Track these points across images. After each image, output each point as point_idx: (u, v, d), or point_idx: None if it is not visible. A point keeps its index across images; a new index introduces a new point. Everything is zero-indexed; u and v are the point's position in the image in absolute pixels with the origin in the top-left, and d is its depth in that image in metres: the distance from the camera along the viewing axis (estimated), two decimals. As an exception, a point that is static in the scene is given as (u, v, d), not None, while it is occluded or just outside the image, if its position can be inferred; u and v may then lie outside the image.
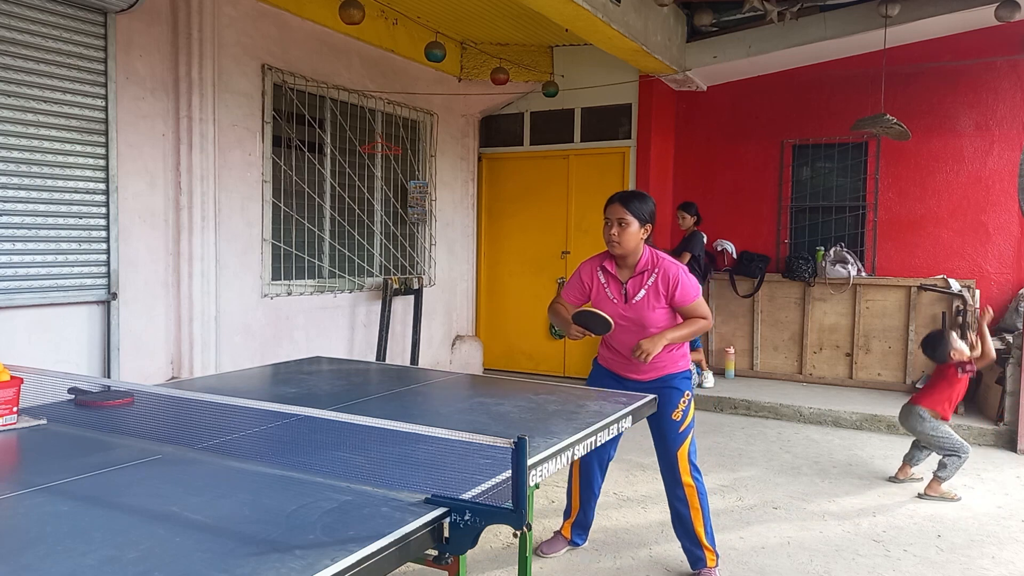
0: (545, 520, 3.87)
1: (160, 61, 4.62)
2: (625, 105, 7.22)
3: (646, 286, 3.10)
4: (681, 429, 3.16)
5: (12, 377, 2.27)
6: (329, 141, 5.96)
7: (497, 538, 3.57)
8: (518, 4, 5.45)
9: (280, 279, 5.58)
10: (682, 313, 3.13)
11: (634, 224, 3.06)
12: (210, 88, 4.77)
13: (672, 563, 3.41)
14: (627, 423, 2.60)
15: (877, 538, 3.73)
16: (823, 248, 7.08)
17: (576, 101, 7.37)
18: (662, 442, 3.21)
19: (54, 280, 4.07)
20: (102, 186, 4.26)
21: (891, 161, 6.89)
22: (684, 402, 3.16)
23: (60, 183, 4.07)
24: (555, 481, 4.38)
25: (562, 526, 3.55)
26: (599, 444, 2.37)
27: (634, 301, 3.11)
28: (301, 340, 5.70)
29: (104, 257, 4.29)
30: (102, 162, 4.25)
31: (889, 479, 4.63)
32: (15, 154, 3.88)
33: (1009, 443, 5.36)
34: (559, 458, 2.09)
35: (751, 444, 5.43)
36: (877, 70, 6.41)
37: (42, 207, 4.00)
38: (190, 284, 4.75)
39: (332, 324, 6.01)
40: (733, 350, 7.24)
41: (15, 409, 2.25)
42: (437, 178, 7.20)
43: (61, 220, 4.09)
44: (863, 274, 6.88)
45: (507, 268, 7.89)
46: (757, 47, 6.58)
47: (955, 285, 6.32)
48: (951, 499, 4.27)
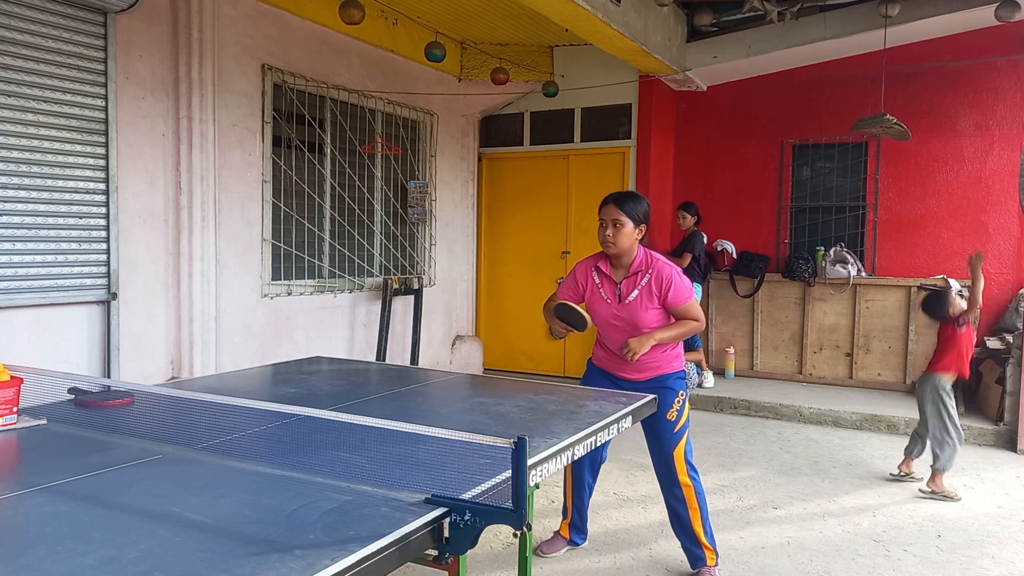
0: (545, 520, 3.88)
1: (160, 61, 4.62)
2: (625, 105, 7.22)
3: (640, 286, 3.11)
4: (676, 429, 3.17)
5: (12, 377, 2.27)
6: (329, 141, 5.96)
7: (497, 538, 3.57)
8: (518, 4, 5.45)
9: (280, 279, 5.58)
10: (674, 314, 3.14)
11: (628, 225, 3.08)
12: (210, 88, 4.77)
13: (672, 563, 3.41)
14: (627, 423, 2.59)
15: (877, 538, 3.73)
16: (823, 248, 7.08)
17: (576, 101, 7.37)
18: (657, 443, 3.22)
19: (54, 280, 4.07)
20: (102, 186, 4.26)
21: (891, 161, 6.89)
22: (678, 402, 3.17)
23: (60, 183, 4.07)
24: (555, 481, 4.38)
25: (560, 526, 3.56)
26: (599, 444, 2.38)
27: (627, 301, 3.12)
28: (301, 340, 5.70)
29: (104, 257, 4.29)
30: (102, 162, 4.25)
31: (891, 475, 4.64)
32: (15, 154, 3.88)
33: (1009, 443, 5.36)
34: (559, 458, 2.09)
35: (751, 444, 5.43)
36: (877, 70, 6.41)
37: (42, 207, 4.00)
38: (190, 284, 4.75)
39: (332, 324, 6.01)
40: (733, 350, 7.24)
41: (15, 409, 2.25)
42: (437, 178, 7.20)
43: (61, 220, 4.09)
44: (863, 274, 6.87)
45: (507, 268, 7.89)
46: (757, 47, 6.58)
47: (955, 285, 6.31)
48: (951, 498, 4.27)
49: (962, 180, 6.66)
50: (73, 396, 2.62)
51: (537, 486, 2.57)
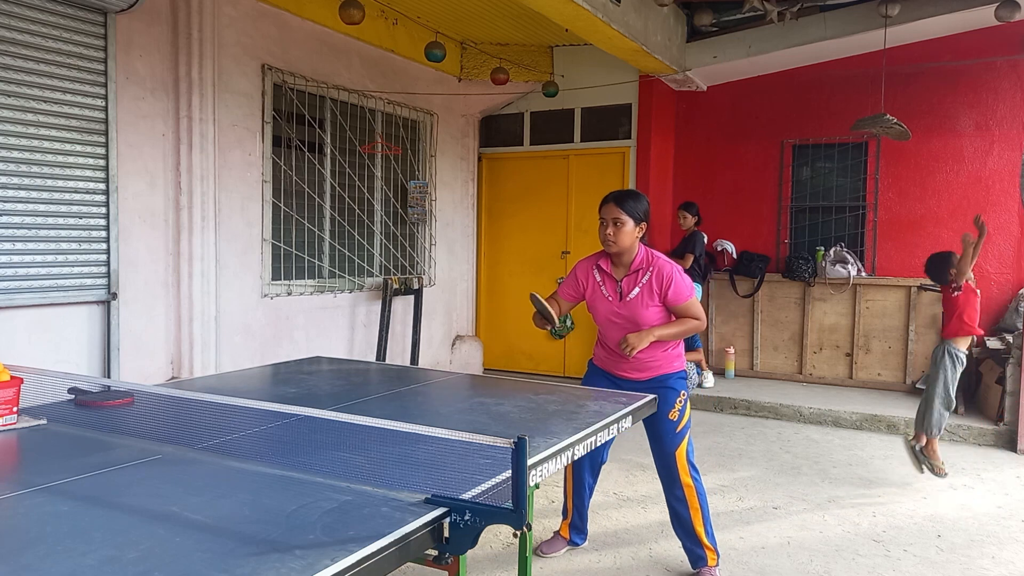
0: (545, 520, 3.88)
1: (160, 61, 4.62)
2: (625, 105, 7.22)
3: (640, 284, 3.11)
4: (678, 429, 3.16)
5: (12, 377, 2.27)
6: (329, 141, 5.96)
7: (497, 538, 3.57)
8: (518, 4, 5.45)
9: (280, 279, 5.58)
10: (675, 312, 3.14)
11: (629, 223, 3.08)
12: (210, 88, 4.77)
13: (672, 562, 3.41)
14: (627, 423, 2.59)
15: (877, 538, 3.73)
16: (823, 248, 7.08)
17: (576, 101, 7.37)
18: (658, 443, 3.22)
19: (54, 280, 4.07)
20: (102, 186, 4.26)
21: (891, 161, 6.89)
22: (680, 402, 3.17)
23: (60, 183, 4.07)
24: (555, 481, 4.38)
25: (560, 526, 3.56)
26: (599, 444, 2.37)
27: (628, 299, 3.13)
28: (301, 340, 5.70)
29: (104, 257, 4.29)
30: (102, 162, 4.25)
31: (908, 438, 4.65)
32: (15, 154, 3.88)
33: (1009, 443, 5.36)
34: (559, 458, 2.09)
35: (751, 444, 5.43)
36: (877, 70, 6.41)
37: (42, 207, 4.00)
38: (190, 284, 4.75)
39: (332, 324, 6.01)
40: (733, 350, 7.24)
41: (15, 409, 2.25)
42: (437, 178, 7.20)
43: (61, 220, 4.09)
44: (863, 274, 6.87)
45: (507, 268, 7.89)
46: (757, 47, 6.58)
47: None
48: (939, 471, 4.41)
49: (962, 180, 6.66)
50: (73, 396, 2.62)
51: (537, 486, 2.57)
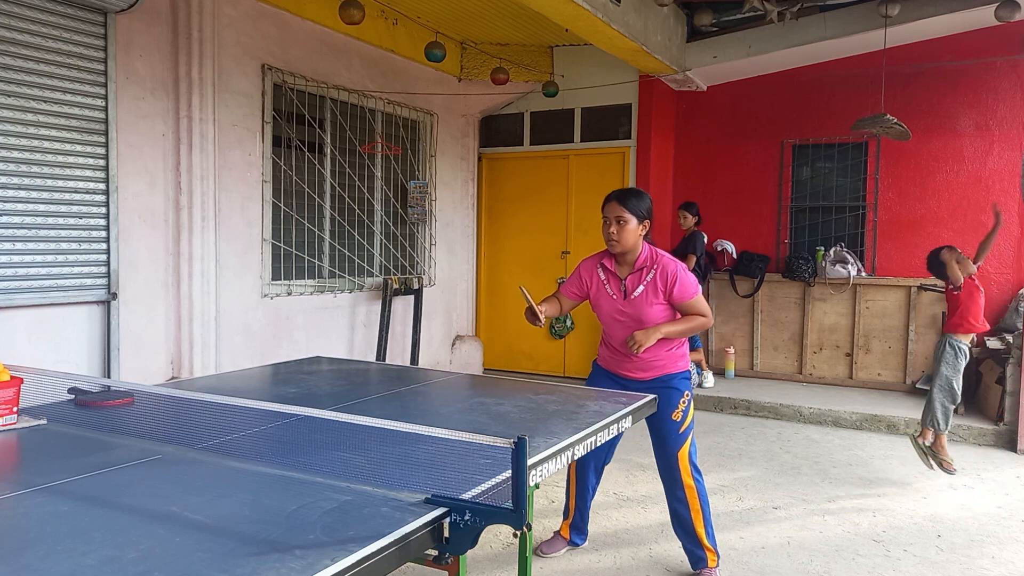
0: (545, 520, 3.88)
1: (160, 61, 4.62)
2: (625, 105, 7.22)
3: (645, 282, 3.10)
4: (681, 430, 3.15)
5: (12, 377, 2.27)
6: (329, 141, 5.96)
7: (497, 538, 3.57)
8: (518, 4, 5.45)
9: (280, 279, 5.58)
10: (681, 310, 3.13)
11: (632, 221, 3.08)
12: (210, 88, 4.77)
13: (672, 563, 3.41)
14: (627, 423, 2.59)
15: (877, 538, 3.73)
16: (823, 248, 7.08)
17: (576, 101, 7.37)
18: (661, 443, 3.21)
19: (54, 280, 4.07)
20: (102, 186, 4.26)
21: (891, 161, 6.89)
22: (684, 402, 3.15)
23: (60, 183, 4.07)
24: (555, 481, 4.38)
25: (561, 526, 3.56)
26: (599, 444, 2.37)
27: (633, 297, 3.12)
28: (301, 340, 5.69)
29: (104, 257, 4.29)
30: (102, 162, 4.25)
31: (912, 434, 4.69)
32: (15, 154, 3.87)
33: (1009, 443, 5.36)
34: (559, 458, 2.09)
35: (751, 444, 5.43)
36: (877, 70, 6.40)
37: (42, 207, 4.00)
38: (190, 284, 4.75)
39: (332, 324, 6.01)
40: (733, 350, 7.24)
41: (15, 409, 2.25)
42: (437, 178, 7.20)
43: (61, 220, 4.09)
44: (863, 274, 6.87)
45: (507, 268, 7.89)
46: (757, 47, 6.58)
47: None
48: (948, 468, 4.40)
49: (962, 180, 6.66)
50: (73, 396, 2.62)
51: (537, 486, 2.57)
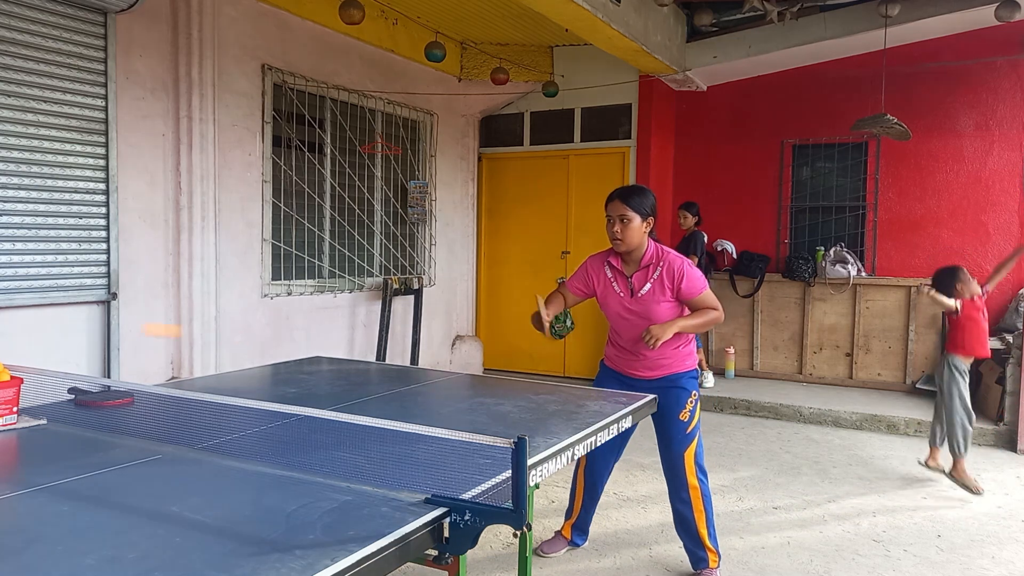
0: (545, 520, 3.87)
1: (160, 61, 4.62)
2: (625, 105, 7.22)
3: (651, 279, 3.09)
4: (688, 430, 3.13)
5: (12, 377, 2.27)
6: (329, 141, 5.96)
7: (497, 538, 3.57)
8: (518, 4, 5.45)
9: (280, 279, 5.58)
10: (691, 305, 3.10)
11: (636, 219, 3.07)
12: (210, 88, 4.77)
13: (673, 563, 3.41)
14: (627, 423, 2.59)
15: (877, 538, 3.73)
16: (823, 248, 7.08)
17: (576, 101, 7.37)
18: (667, 444, 3.18)
19: (54, 280, 4.07)
20: (102, 186, 4.26)
21: (891, 161, 6.89)
22: (691, 402, 3.13)
23: (60, 183, 4.07)
24: (555, 481, 4.38)
25: (563, 526, 3.55)
26: (599, 444, 2.37)
27: (640, 295, 3.10)
28: (301, 340, 5.69)
29: (104, 257, 4.29)
30: (102, 162, 4.25)
31: (919, 462, 4.66)
32: (15, 154, 3.87)
33: (1009, 443, 5.36)
34: (559, 458, 2.09)
35: (751, 444, 5.43)
36: (877, 70, 6.40)
37: (42, 207, 4.00)
38: (190, 284, 4.75)
39: (332, 324, 6.01)
40: (733, 350, 7.24)
41: (15, 409, 2.25)
42: (437, 178, 7.20)
43: (61, 220, 4.09)
44: (863, 274, 6.87)
45: (507, 268, 7.89)
46: (757, 47, 6.58)
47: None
48: (974, 489, 4.29)
49: (962, 180, 6.66)
50: (73, 396, 2.62)
51: (537, 486, 2.57)
